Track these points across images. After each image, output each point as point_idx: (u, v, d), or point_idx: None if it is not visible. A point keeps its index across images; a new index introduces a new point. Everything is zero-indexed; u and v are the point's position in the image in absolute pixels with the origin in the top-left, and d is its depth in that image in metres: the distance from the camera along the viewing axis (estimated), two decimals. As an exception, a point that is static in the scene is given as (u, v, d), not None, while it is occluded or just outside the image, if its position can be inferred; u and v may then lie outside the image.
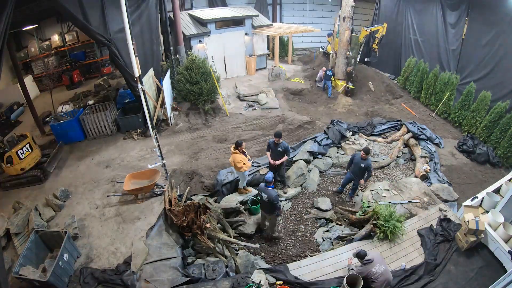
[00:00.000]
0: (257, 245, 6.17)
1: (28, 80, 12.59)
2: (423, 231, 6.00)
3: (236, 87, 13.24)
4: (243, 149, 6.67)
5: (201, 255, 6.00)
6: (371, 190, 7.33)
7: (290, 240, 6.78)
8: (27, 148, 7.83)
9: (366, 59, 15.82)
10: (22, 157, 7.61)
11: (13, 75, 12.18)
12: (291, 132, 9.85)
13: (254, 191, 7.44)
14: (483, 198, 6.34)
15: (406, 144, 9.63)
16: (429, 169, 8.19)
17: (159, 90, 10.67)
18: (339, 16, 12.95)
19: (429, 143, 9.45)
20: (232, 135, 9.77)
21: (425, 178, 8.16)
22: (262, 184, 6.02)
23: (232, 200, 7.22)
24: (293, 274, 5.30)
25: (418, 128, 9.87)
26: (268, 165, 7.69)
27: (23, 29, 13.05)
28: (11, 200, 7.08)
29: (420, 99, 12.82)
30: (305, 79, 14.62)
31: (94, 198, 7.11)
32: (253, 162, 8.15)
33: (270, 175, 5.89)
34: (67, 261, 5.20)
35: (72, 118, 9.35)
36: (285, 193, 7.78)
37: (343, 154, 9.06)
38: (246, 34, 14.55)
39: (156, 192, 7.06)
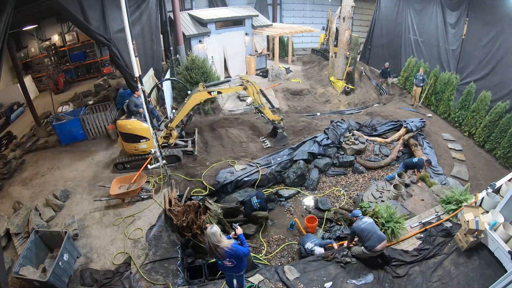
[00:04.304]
0: (257, 245, 6.18)
1: (28, 80, 12.58)
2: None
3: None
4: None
5: (201, 255, 6.00)
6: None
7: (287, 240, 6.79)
8: None
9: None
10: None
11: (13, 75, 12.17)
12: (291, 131, 9.86)
13: None
14: (483, 198, 6.34)
15: (406, 144, 9.62)
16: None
17: (159, 90, 10.69)
18: (339, 16, 12.95)
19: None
20: (231, 135, 9.78)
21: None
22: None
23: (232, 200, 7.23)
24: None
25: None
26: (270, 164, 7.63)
27: (23, 29, 13.05)
28: (11, 200, 7.08)
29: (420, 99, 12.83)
30: (304, 79, 14.63)
31: (95, 197, 7.10)
32: (252, 163, 8.17)
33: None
34: (67, 261, 5.20)
35: (74, 117, 9.35)
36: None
37: (343, 154, 9.06)
38: (246, 34, 14.56)
39: (142, 197, 7.00)
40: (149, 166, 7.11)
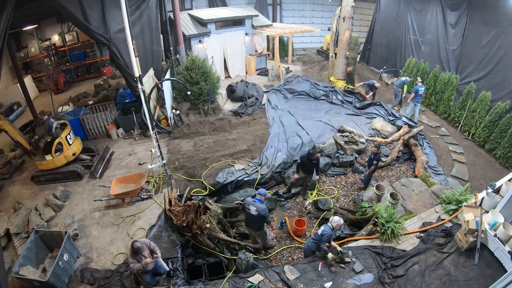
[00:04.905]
0: (258, 245, 6.18)
1: (28, 80, 12.58)
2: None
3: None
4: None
5: (201, 255, 6.00)
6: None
7: (288, 241, 6.79)
8: (71, 134, 7.88)
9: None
10: (70, 142, 7.65)
11: (13, 75, 12.17)
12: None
13: None
14: (483, 198, 6.33)
15: (406, 144, 9.62)
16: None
17: (159, 90, 10.69)
18: (339, 16, 12.94)
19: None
20: (230, 134, 9.79)
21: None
22: (249, 198, 5.74)
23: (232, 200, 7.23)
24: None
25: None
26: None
27: (23, 29, 13.04)
28: (11, 200, 7.08)
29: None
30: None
31: (94, 198, 7.10)
32: (252, 164, 8.17)
33: (263, 190, 5.80)
34: (67, 261, 5.20)
35: (74, 117, 9.37)
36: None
37: (343, 154, 9.06)
38: (246, 34, 14.56)
39: (142, 197, 7.01)
40: (149, 166, 7.13)
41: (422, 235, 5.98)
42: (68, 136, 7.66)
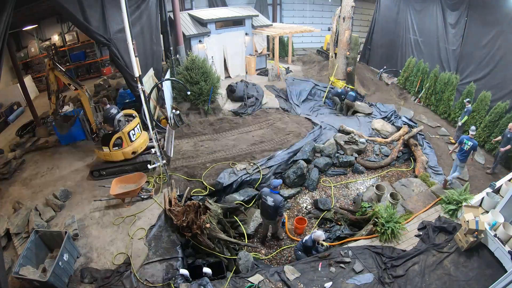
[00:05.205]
0: (258, 245, 6.18)
1: (28, 80, 12.58)
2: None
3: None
4: None
5: (201, 255, 5.99)
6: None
7: (288, 241, 6.79)
8: (138, 129, 7.12)
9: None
10: (133, 138, 6.88)
11: (13, 75, 12.17)
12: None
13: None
14: (483, 198, 6.34)
15: (406, 144, 9.62)
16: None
17: (159, 90, 10.69)
18: (339, 16, 12.94)
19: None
20: (230, 134, 9.79)
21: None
22: (266, 189, 5.93)
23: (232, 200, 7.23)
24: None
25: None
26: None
27: (23, 29, 13.04)
28: (11, 200, 7.08)
29: (421, 98, 12.84)
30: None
31: (95, 197, 7.10)
32: (253, 163, 8.17)
33: (278, 181, 5.88)
34: (67, 261, 5.20)
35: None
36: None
37: (343, 154, 9.06)
38: (246, 34, 14.56)
39: (142, 197, 6.99)
40: (149, 166, 7.12)
41: (421, 232, 5.99)
42: (132, 131, 6.82)
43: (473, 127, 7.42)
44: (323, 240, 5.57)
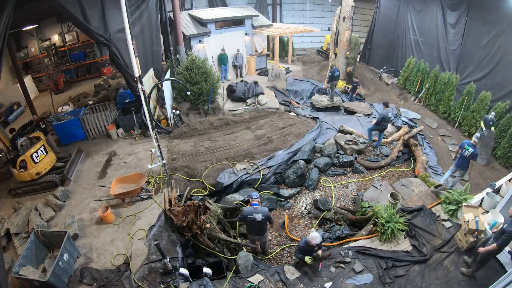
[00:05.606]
0: (258, 245, 6.17)
1: (28, 80, 12.58)
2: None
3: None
4: None
5: (201, 255, 5.99)
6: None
7: (288, 241, 6.79)
8: (41, 151, 7.38)
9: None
10: (37, 160, 7.19)
11: (13, 75, 12.18)
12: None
13: None
14: (483, 198, 6.34)
15: (406, 144, 9.62)
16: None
17: (159, 90, 10.69)
18: (339, 16, 12.94)
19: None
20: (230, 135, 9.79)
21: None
22: (247, 208, 5.40)
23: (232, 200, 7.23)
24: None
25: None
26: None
27: (23, 29, 13.05)
28: (11, 201, 7.08)
29: (421, 98, 12.84)
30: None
31: (95, 197, 7.10)
32: (253, 163, 8.18)
33: (255, 193, 5.71)
34: (67, 261, 5.20)
35: (74, 117, 9.36)
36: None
37: (343, 154, 9.06)
38: (246, 34, 14.55)
39: (142, 197, 6.99)
40: (149, 166, 7.13)
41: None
42: (35, 154, 7.16)
43: (477, 134, 6.97)
44: (317, 246, 5.18)
